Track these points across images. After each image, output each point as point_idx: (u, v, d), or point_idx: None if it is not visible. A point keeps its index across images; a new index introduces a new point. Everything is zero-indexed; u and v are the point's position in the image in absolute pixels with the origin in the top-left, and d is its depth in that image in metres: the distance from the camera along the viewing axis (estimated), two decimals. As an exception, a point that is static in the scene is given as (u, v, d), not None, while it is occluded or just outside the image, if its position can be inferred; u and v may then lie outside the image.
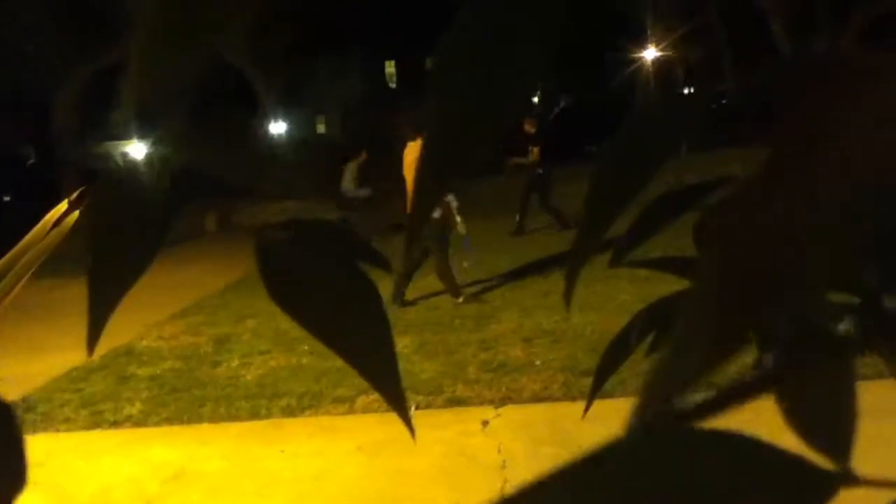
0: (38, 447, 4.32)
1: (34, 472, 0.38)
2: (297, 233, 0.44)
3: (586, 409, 0.67)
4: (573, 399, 4.25)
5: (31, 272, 0.48)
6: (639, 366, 0.45)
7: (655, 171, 0.33)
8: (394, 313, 6.22)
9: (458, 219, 6.94)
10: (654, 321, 0.56)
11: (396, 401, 0.44)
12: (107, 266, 0.40)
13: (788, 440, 0.31)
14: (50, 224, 0.51)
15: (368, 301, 0.44)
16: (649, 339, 0.57)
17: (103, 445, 4.41)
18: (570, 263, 0.37)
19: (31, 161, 21.14)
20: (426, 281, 7.61)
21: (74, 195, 0.50)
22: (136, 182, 0.40)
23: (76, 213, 0.50)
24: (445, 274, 6.83)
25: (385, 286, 6.00)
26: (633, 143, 0.36)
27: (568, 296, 0.40)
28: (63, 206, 0.51)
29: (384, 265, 0.46)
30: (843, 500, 0.29)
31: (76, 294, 7.97)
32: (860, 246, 0.25)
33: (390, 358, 0.44)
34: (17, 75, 16.17)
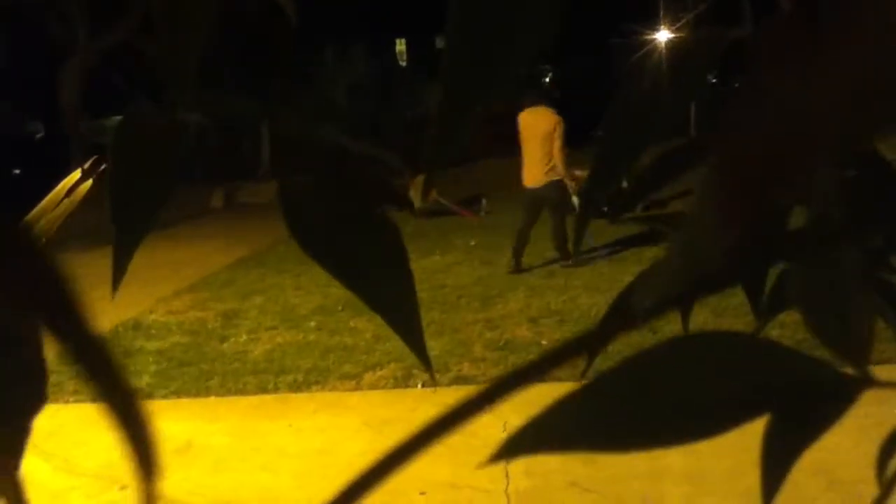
0: (47, 418, 4.36)
1: (43, 443, 0.39)
2: (320, 175, 0.43)
3: (584, 373, 0.66)
4: (578, 380, 4.25)
5: (43, 241, 0.49)
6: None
7: (658, 132, 0.33)
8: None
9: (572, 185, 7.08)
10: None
11: (416, 344, 0.44)
12: (127, 205, 0.40)
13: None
14: (63, 193, 0.51)
15: (390, 244, 0.43)
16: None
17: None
18: (578, 218, 0.39)
19: (40, 135, 21.16)
20: (429, 261, 7.62)
21: (88, 164, 0.50)
22: (153, 126, 0.40)
23: (89, 182, 0.50)
24: (558, 237, 7.02)
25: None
26: (635, 106, 0.36)
27: (577, 243, 0.41)
28: (76, 174, 0.51)
29: (407, 206, 0.45)
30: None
31: (85, 267, 8.00)
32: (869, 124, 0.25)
33: (411, 300, 0.44)
34: (25, 50, 16.14)
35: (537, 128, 6.99)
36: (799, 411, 0.29)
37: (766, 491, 0.33)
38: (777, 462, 0.32)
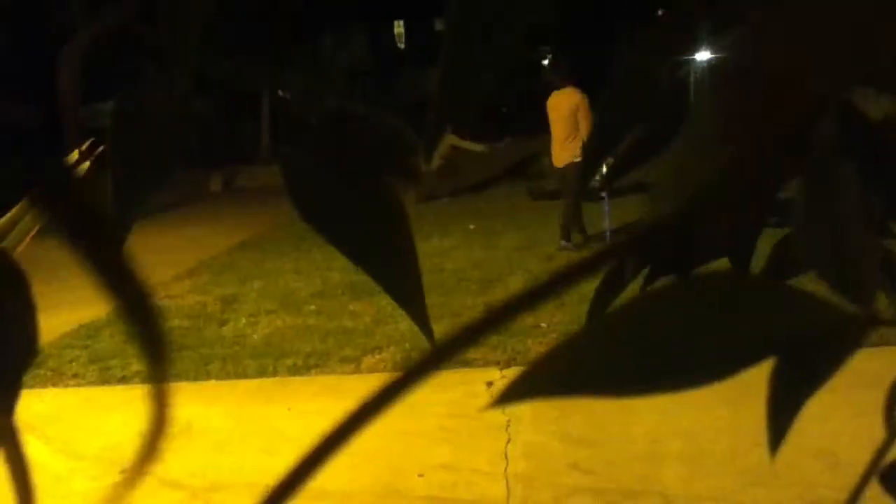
0: (48, 402, 4.38)
1: (45, 426, 0.39)
2: (324, 144, 0.43)
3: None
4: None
5: (40, 224, 0.49)
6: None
7: (645, 110, 0.33)
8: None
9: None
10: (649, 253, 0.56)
11: (419, 315, 0.44)
12: (129, 179, 0.40)
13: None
14: None
15: (393, 215, 0.43)
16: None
17: (112, 401, 4.47)
18: (574, 192, 0.39)
19: (38, 122, 21.06)
20: (428, 244, 7.62)
21: (85, 145, 0.50)
22: (154, 97, 0.39)
23: (87, 164, 0.50)
24: (565, 216, 7.09)
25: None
26: (624, 84, 0.36)
27: (573, 227, 0.40)
28: (74, 155, 0.50)
29: (413, 174, 0.44)
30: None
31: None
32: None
33: (414, 272, 0.43)
34: (23, 36, 16.04)
35: (561, 108, 7.09)
36: (805, 354, 0.29)
37: (773, 438, 0.33)
38: (784, 408, 0.31)
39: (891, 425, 0.39)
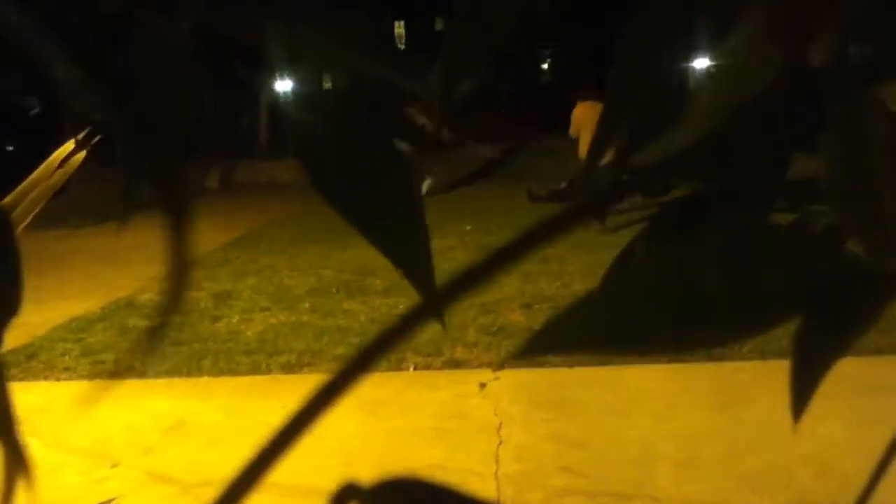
0: (40, 394, 4.37)
1: (35, 419, 0.38)
2: (333, 108, 0.41)
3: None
4: (570, 366, 4.28)
5: (37, 210, 0.48)
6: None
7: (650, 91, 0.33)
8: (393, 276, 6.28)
9: None
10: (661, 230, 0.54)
11: (426, 291, 0.42)
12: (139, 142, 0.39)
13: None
14: (56, 163, 0.51)
15: (402, 183, 0.41)
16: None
17: (104, 395, 4.45)
18: (580, 175, 0.39)
19: (35, 111, 21.00)
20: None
21: (82, 135, 0.50)
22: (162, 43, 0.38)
23: (82, 154, 0.49)
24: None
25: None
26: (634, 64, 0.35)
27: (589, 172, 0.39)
28: (69, 145, 0.50)
29: (423, 141, 0.43)
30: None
31: (79, 245, 8.00)
32: None
33: (423, 245, 0.41)
34: (18, 24, 15.95)
35: (587, 122, 7.12)
36: (833, 311, 0.27)
37: (797, 402, 0.31)
38: (810, 368, 0.29)
39: None
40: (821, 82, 0.29)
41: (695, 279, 0.26)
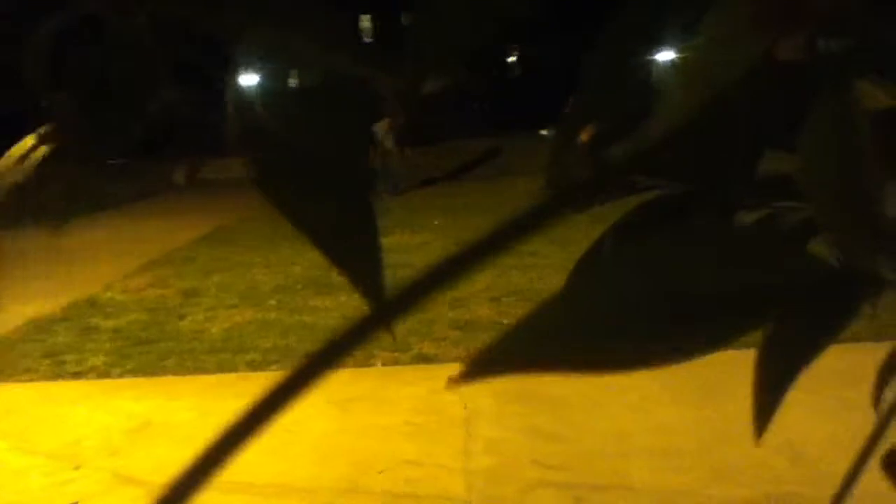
0: (3, 396, 4.28)
1: (0, 421, 0.38)
2: (287, 105, 0.39)
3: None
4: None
5: None
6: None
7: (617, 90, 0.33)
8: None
9: None
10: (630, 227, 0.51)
11: (377, 301, 0.39)
12: (85, 138, 0.37)
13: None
14: (14, 159, 0.49)
15: (354, 187, 0.39)
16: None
17: (68, 396, 4.38)
18: (548, 164, 0.37)
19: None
20: (393, 239, 7.62)
21: (43, 129, 0.48)
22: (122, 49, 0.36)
23: (42, 149, 0.48)
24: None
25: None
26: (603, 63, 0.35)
27: (550, 174, 0.38)
28: (29, 140, 0.49)
29: (380, 144, 0.41)
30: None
31: (39, 245, 7.85)
32: None
33: (373, 252, 0.39)
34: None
35: None
36: (804, 314, 0.25)
37: (761, 415, 0.29)
38: (776, 379, 0.28)
39: (879, 414, 0.36)
40: (797, 77, 0.28)
41: (663, 282, 0.25)
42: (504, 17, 0.30)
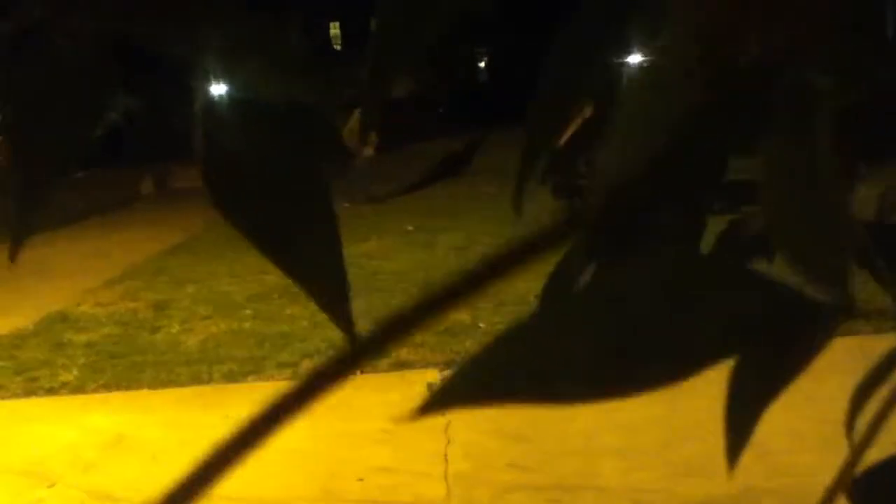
0: (-30, 416, 4.20)
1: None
2: (244, 118, 0.37)
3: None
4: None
5: None
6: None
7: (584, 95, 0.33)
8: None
9: None
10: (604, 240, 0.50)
11: (342, 319, 0.38)
12: (32, 153, 0.35)
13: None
14: None
15: (316, 203, 0.37)
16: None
17: (40, 412, 4.31)
18: (517, 179, 0.36)
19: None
20: (367, 246, 7.60)
21: None
22: (67, 63, 0.35)
23: None
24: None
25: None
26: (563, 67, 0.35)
27: (516, 205, 0.38)
28: None
29: (345, 155, 0.41)
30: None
31: (4, 259, 7.69)
32: None
33: (338, 270, 0.38)
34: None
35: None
36: (770, 349, 0.25)
37: (732, 447, 0.28)
38: (745, 411, 0.27)
39: (851, 437, 0.36)
40: (759, 82, 0.28)
41: (620, 314, 0.25)
42: (464, 16, 0.30)
